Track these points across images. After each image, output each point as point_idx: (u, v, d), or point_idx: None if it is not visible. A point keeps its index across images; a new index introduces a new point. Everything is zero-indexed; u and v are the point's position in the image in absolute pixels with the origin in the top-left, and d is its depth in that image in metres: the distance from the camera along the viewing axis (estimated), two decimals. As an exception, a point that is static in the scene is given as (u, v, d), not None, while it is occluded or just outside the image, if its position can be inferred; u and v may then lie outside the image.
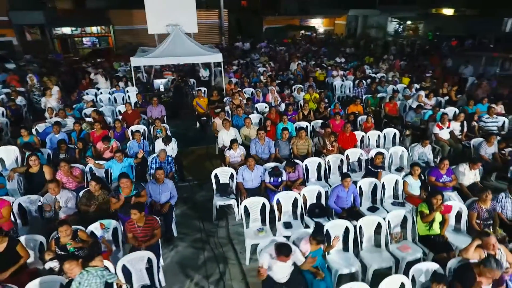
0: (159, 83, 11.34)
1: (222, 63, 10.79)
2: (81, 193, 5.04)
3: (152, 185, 5.19)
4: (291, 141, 6.75)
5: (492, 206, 4.59)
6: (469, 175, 5.50)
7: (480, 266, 3.31)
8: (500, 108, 8.44)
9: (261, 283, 3.80)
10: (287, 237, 4.19)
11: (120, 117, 8.30)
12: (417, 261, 4.22)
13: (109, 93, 11.02)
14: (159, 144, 6.76)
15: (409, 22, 26.34)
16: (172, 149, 6.74)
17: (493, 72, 13.04)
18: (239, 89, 9.89)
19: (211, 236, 5.31)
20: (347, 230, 4.35)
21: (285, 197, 5.01)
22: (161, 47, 10.52)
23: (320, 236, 3.73)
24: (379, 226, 4.43)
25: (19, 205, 4.89)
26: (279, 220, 4.98)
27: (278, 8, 28.97)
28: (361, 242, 4.42)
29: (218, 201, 5.55)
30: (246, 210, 4.96)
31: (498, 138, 6.71)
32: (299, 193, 5.05)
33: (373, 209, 5.18)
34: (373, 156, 5.71)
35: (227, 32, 25.53)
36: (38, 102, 9.66)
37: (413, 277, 3.55)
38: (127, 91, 11.10)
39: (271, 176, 5.53)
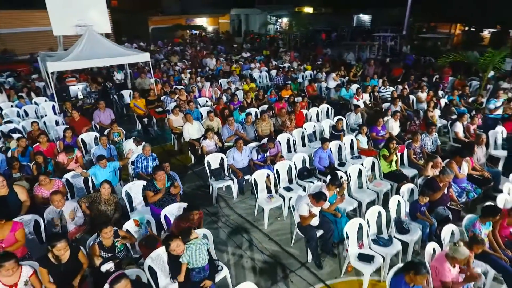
0: (76, 90, 10.29)
1: (150, 63, 10.54)
2: (82, 202, 4.73)
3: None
4: (254, 124, 7.55)
5: (420, 144, 6.48)
6: (395, 127, 7.44)
7: (439, 176, 4.91)
8: (385, 82, 11.10)
9: (301, 230, 4.59)
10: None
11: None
12: (387, 191, 5.75)
13: (12, 106, 9.49)
14: (129, 145, 6.56)
15: (285, 19, 29.82)
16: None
17: (366, 56, 16.55)
18: (176, 87, 9.96)
19: (220, 216, 5.71)
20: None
21: (281, 167, 5.83)
22: (77, 49, 9.58)
23: (338, 181, 4.74)
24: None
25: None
26: (279, 186, 5.78)
27: (161, 8, 28.51)
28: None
29: (217, 185, 5.96)
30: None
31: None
32: (293, 162, 5.95)
33: (341, 165, 6.50)
34: (334, 123, 7.05)
35: (112, 33, 23.78)
36: None
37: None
38: (36, 103, 9.77)
39: (259, 153, 6.25)
